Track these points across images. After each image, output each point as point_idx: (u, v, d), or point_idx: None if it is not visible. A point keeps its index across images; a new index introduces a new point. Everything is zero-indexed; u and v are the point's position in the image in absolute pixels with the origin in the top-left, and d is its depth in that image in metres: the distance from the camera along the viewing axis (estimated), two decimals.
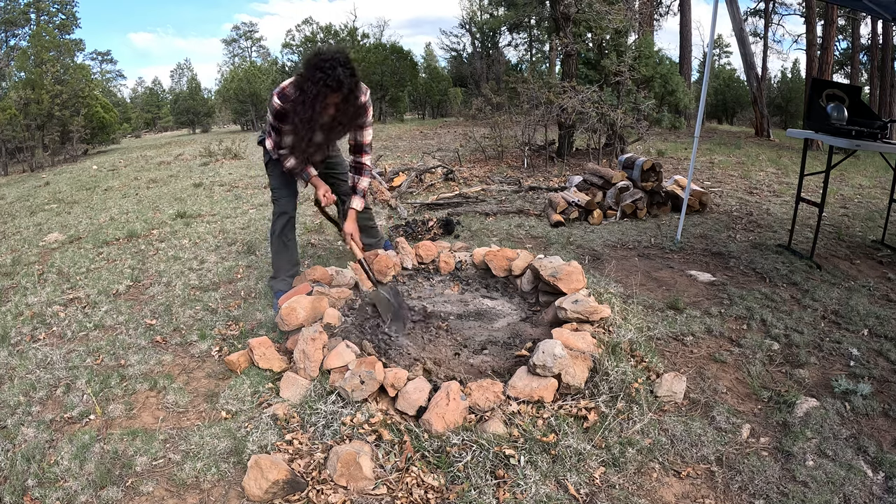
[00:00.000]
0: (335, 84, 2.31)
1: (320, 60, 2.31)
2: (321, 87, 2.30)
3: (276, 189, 2.99)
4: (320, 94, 2.32)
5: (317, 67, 2.30)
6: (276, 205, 3.00)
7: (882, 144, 3.55)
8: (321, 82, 2.29)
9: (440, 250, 3.55)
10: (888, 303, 3.12)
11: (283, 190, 2.99)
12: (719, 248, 4.15)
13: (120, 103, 34.20)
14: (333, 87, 2.32)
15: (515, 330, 2.72)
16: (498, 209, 5.29)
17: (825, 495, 1.69)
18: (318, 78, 2.29)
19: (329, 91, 2.32)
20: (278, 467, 1.73)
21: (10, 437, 2.04)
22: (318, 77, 2.29)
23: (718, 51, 34.56)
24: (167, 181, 8.35)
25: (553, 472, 1.80)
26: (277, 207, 3.00)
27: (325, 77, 2.28)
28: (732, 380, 2.35)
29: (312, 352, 2.30)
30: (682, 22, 18.28)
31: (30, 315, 3.14)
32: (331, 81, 2.30)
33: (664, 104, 9.60)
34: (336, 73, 2.29)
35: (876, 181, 7.35)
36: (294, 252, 3.13)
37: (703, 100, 4.16)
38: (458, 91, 27.17)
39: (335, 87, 2.31)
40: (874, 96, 18.85)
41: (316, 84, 2.29)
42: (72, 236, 4.99)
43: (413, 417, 2.04)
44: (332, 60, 2.30)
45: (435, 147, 10.57)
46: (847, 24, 21.14)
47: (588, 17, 8.17)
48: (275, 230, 3.02)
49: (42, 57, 15.57)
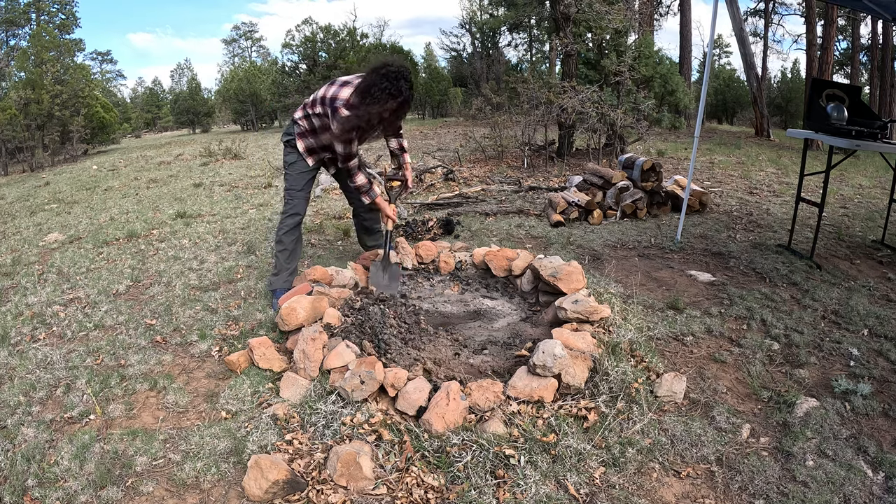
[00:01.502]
0: (398, 94, 2.67)
1: (389, 72, 2.64)
2: (386, 95, 2.64)
3: (293, 189, 3.06)
4: (384, 100, 2.66)
5: (385, 77, 2.63)
6: (289, 204, 3.05)
7: (882, 144, 3.55)
8: (387, 90, 2.63)
9: (440, 250, 3.55)
10: (888, 303, 3.12)
11: (299, 191, 3.06)
12: (719, 248, 4.15)
13: (120, 103, 34.24)
14: (395, 96, 2.68)
15: (515, 330, 2.72)
16: (498, 209, 5.29)
17: (825, 495, 1.69)
18: (384, 86, 2.63)
19: (391, 99, 2.67)
20: (278, 467, 1.73)
21: (10, 437, 2.04)
22: (384, 85, 2.63)
23: (718, 51, 34.57)
24: (167, 181, 8.35)
25: (553, 472, 1.80)
26: (290, 207, 3.05)
27: (391, 87, 2.63)
28: (732, 380, 2.35)
29: (312, 352, 2.30)
30: (682, 22, 18.29)
31: (30, 315, 3.14)
32: (395, 91, 2.65)
33: (664, 104, 9.60)
34: (399, 85, 2.65)
35: (876, 181, 7.35)
36: (298, 253, 3.15)
37: (703, 100, 4.16)
38: (458, 91, 27.15)
39: (397, 95, 2.68)
40: (874, 96, 18.85)
41: (382, 91, 2.63)
42: (72, 236, 4.99)
43: (413, 417, 2.04)
44: (397, 73, 2.65)
45: (435, 147, 10.57)
46: (847, 24, 21.14)
47: (588, 17, 8.17)
48: (283, 229, 3.04)
49: (42, 57, 15.57)
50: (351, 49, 21.76)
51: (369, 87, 2.66)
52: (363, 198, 3.09)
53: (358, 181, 3.01)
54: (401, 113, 2.84)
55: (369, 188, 3.05)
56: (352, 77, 2.90)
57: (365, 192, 3.06)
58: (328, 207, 5.61)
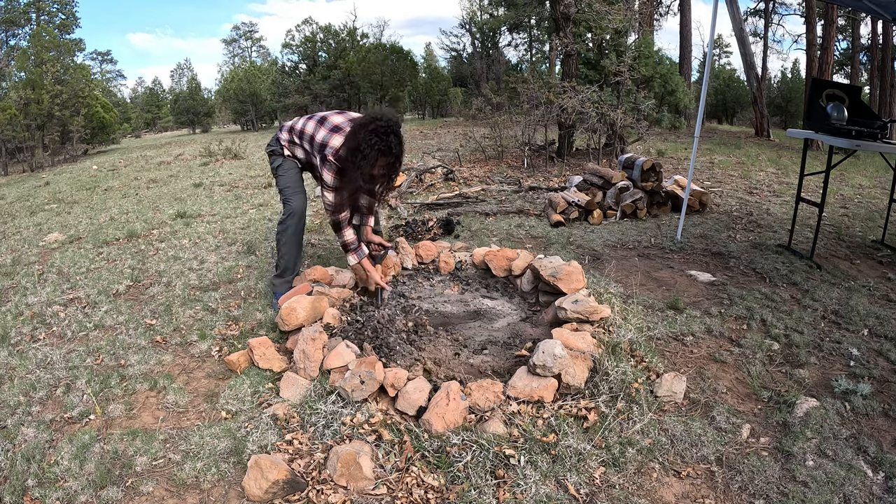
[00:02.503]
0: (387, 151, 2.65)
1: (378, 127, 2.62)
2: (376, 152, 2.62)
3: (288, 188, 3.06)
4: (373, 157, 2.64)
5: (375, 133, 2.61)
6: (288, 205, 3.04)
7: (882, 144, 3.55)
8: (376, 146, 2.61)
9: (440, 250, 3.55)
10: (888, 303, 3.12)
11: (294, 190, 3.06)
12: (719, 248, 4.15)
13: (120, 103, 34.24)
14: (385, 153, 2.66)
15: (515, 330, 2.72)
16: (498, 209, 5.29)
17: (825, 495, 1.69)
18: (373, 142, 2.61)
19: (381, 156, 2.66)
20: (278, 467, 1.73)
21: (10, 437, 2.04)
22: (373, 141, 2.61)
23: (718, 51, 34.56)
24: (167, 181, 8.35)
25: (553, 472, 1.80)
26: (289, 207, 3.04)
27: (380, 143, 2.61)
28: (732, 380, 2.35)
29: (312, 352, 2.30)
30: (682, 22, 18.29)
31: (30, 315, 3.14)
32: (384, 148, 2.63)
33: (664, 104, 9.60)
34: (389, 141, 2.63)
35: (876, 181, 7.35)
36: (300, 253, 3.15)
37: (703, 100, 4.16)
38: (458, 91, 27.17)
39: (387, 153, 2.66)
40: (874, 96, 18.85)
41: (371, 148, 2.61)
42: (72, 236, 4.99)
43: (413, 417, 2.04)
44: (386, 128, 2.63)
45: (435, 147, 10.57)
46: (847, 24, 21.14)
47: (588, 17, 8.17)
48: (286, 229, 3.03)
49: (42, 57, 15.57)
50: (351, 49, 21.76)
51: (358, 145, 2.61)
52: (349, 257, 2.92)
53: (345, 237, 2.87)
54: (392, 172, 2.78)
55: (357, 246, 2.90)
56: (342, 120, 2.84)
57: (352, 251, 2.89)
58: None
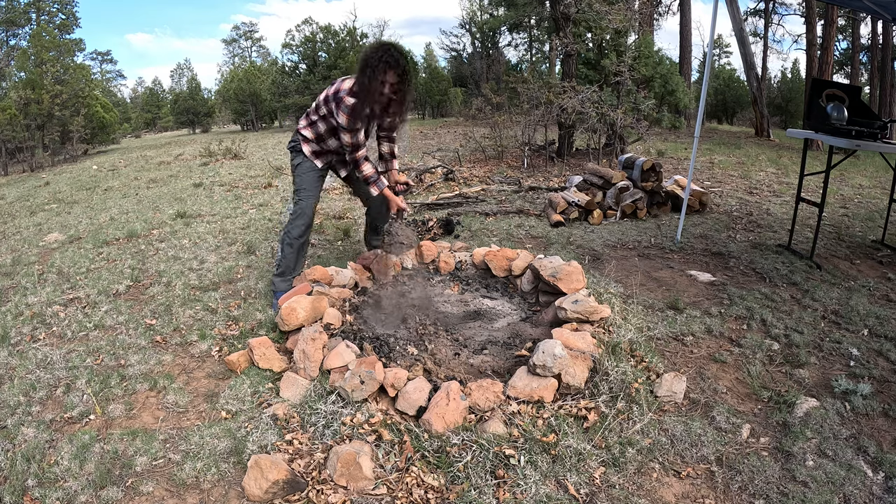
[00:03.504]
0: (394, 63, 2.70)
1: (381, 44, 2.74)
2: (384, 64, 2.68)
3: (304, 190, 3.06)
4: (382, 70, 2.70)
5: (379, 48, 2.71)
6: (299, 206, 3.05)
7: (882, 144, 3.55)
8: (383, 60, 2.68)
9: (440, 250, 3.55)
10: (888, 303, 3.12)
11: (308, 192, 3.06)
12: (719, 248, 4.15)
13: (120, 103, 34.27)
14: (392, 65, 2.70)
15: (515, 330, 2.72)
16: (498, 209, 5.29)
17: (825, 495, 1.69)
18: (379, 55, 2.68)
19: (388, 68, 2.70)
20: (278, 467, 1.73)
21: (10, 437, 2.04)
22: (379, 55, 2.68)
23: (718, 51, 34.54)
24: (167, 181, 8.35)
25: (553, 472, 1.80)
26: (299, 207, 3.05)
27: (386, 55, 2.68)
28: (732, 380, 2.35)
29: (312, 352, 2.30)
30: (682, 22, 18.29)
31: (30, 315, 3.14)
32: (390, 60, 2.69)
33: (664, 104, 9.60)
34: (393, 54, 2.70)
35: (876, 181, 7.35)
36: (303, 255, 3.16)
37: (703, 100, 4.16)
38: (458, 91, 27.14)
39: (394, 64, 2.70)
40: (874, 96, 18.84)
41: (379, 61, 2.68)
42: (72, 236, 4.99)
43: (413, 417, 2.04)
44: (389, 45, 2.73)
45: (435, 147, 10.57)
46: (847, 24, 21.13)
47: (588, 17, 8.17)
48: (292, 230, 3.04)
49: (42, 57, 15.57)
50: (351, 49, 21.74)
51: (366, 61, 2.70)
52: (371, 188, 3.05)
53: (365, 171, 2.99)
54: (403, 90, 2.83)
55: (377, 178, 3.02)
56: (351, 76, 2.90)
57: (373, 182, 3.02)
58: (328, 207, 5.61)
